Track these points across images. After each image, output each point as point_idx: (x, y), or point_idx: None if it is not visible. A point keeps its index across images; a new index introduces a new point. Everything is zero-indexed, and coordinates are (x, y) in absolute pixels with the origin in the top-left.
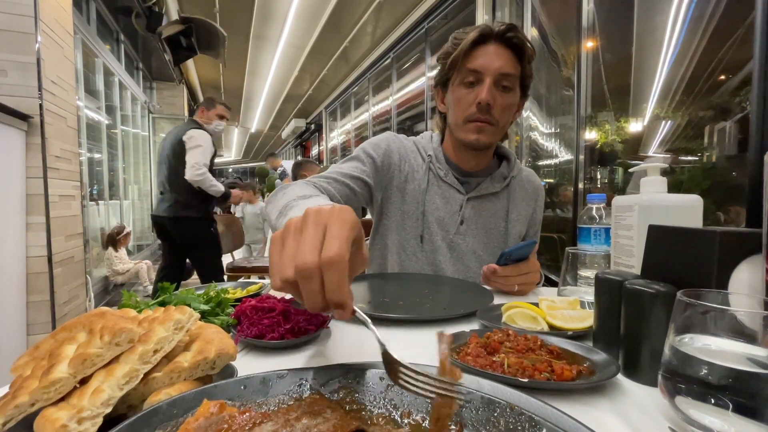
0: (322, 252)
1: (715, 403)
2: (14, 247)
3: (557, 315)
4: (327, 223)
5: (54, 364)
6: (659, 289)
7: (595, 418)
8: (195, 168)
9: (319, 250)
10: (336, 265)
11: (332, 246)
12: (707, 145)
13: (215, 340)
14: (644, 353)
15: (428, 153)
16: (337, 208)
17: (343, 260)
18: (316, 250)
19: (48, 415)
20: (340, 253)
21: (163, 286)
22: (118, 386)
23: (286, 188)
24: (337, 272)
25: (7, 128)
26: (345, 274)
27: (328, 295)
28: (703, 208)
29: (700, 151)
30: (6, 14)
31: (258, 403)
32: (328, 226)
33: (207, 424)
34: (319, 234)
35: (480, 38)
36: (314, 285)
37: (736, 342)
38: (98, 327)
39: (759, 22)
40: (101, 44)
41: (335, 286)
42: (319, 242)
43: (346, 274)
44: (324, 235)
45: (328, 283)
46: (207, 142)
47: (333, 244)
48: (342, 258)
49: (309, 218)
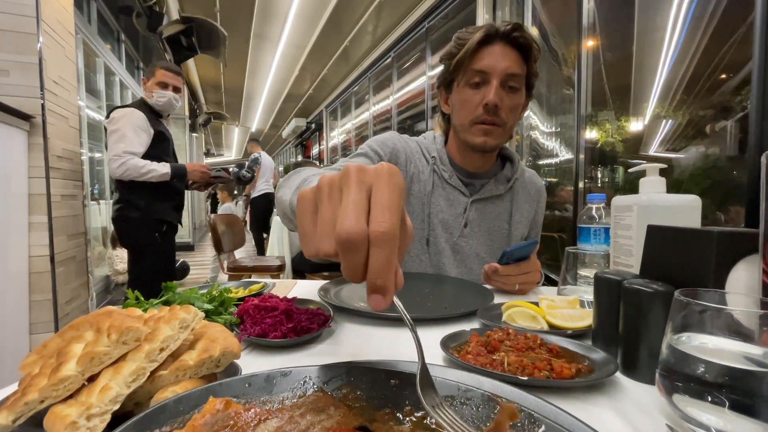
0: (369, 222)
1: (712, 400)
2: (17, 247)
3: (557, 314)
4: (372, 185)
5: (62, 362)
6: (657, 288)
7: (594, 416)
8: (112, 161)
9: (366, 216)
10: (387, 242)
11: (383, 216)
12: (708, 145)
13: (220, 338)
14: (642, 352)
15: (432, 155)
16: (384, 166)
17: (395, 236)
18: (363, 217)
19: (58, 412)
20: (392, 227)
21: (167, 285)
22: (125, 384)
23: (299, 171)
24: (387, 250)
25: (9, 128)
26: (395, 252)
27: (371, 276)
28: (704, 207)
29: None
30: (8, 14)
31: (262, 401)
32: (375, 189)
33: (213, 421)
34: (363, 197)
35: (485, 38)
36: (360, 258)
37: (732, 341)
38: (105, 326)
39: (758, 22)
40: (102, 44)
41: (381, 266)
42: (365, 207)
43: (395, 253)
44: (368, 199)
45: (374, 261)
46: (129, 123)
47: (383, 215)
48: (395, 234)
49: (350, 176)
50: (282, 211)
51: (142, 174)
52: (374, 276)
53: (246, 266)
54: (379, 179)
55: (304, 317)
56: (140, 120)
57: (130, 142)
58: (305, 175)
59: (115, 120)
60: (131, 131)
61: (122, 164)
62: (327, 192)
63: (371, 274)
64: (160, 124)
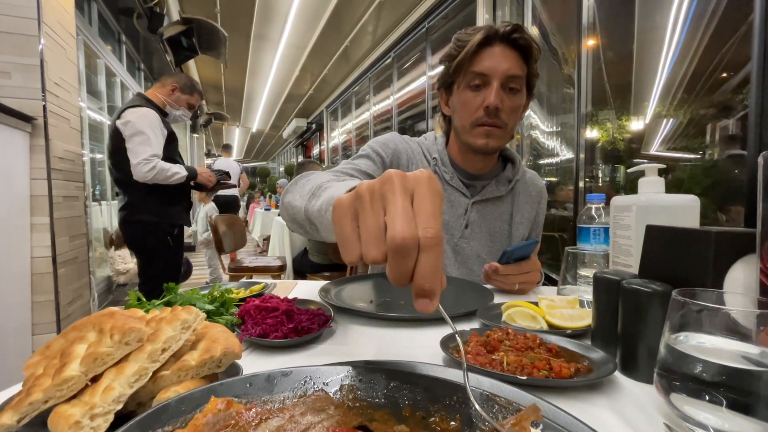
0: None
1: (709, 399)
2: (19, 248)
3: (556, 314)
4: (414, 191)
5: (66, 363)
6: (656, 288)
7: (592, 415)
8: (142, 165)
9: (414, 222)
10: (434, 247)
11: (429, 222)
12: (708, 144)
13: (221, 339)
14: (641, 351)
15: (433, 156)
16: (425, 173)
17: (441, 241)
18: (414, 223)
19: (62, 412)
20: (438, 232)
21: (169, 286)
22: (128, 384)
23: (308, 176)
24: (435, 255)
25: (11, 130)
26: (441, 257)
27: (420, 280)
28: (704, 207)
29: (701, 150)
30: (9, 17)
31: (263, 401)
32: (418, 195)
33: (215, 420)
34: (409, 203)
35: (485, 40)
36: (411, 263)
37: (730, 340)
38: (108, 326)
39: (757, 22)
40: (103, 45)
41: (430, 270)
42: (411, 213)
43: (441, 257)
44: (412, 205)
45: (423, 266)
46: (151, 125)
47: (429, 221)
48: (440, 239)
49: (394, 183)
50: (291, 217)
51: (168, 177)
52: (423, 280)
53: (247, 266)
54: (420, 185)
55: (304, 318)
56: (157, 120)
57: (154, 144)
58: (317, 181)
59: (134, 122)
60: (152, 133)
61: (152, 168)
62: (368, 199)
63: (420, 279)
64: (167, 123)
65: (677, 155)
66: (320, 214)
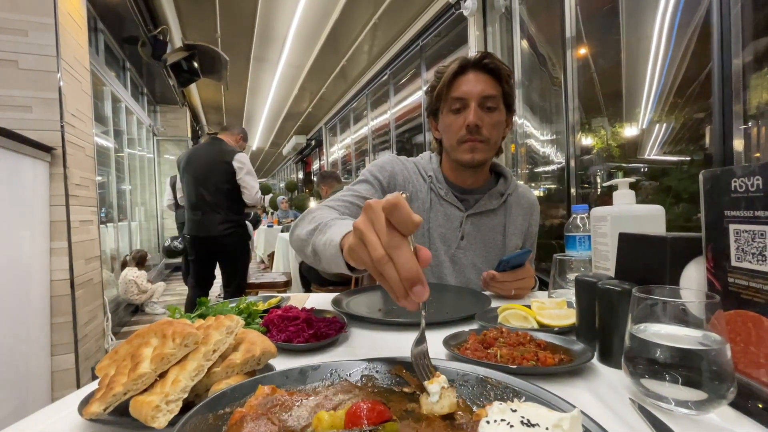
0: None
1: (669, 379)
2: (39, 272)
3: (546, 314)
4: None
5: (138, 362)
6: (624, 287)
7: (571, 395)
8: (258, 193)
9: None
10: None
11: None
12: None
13: (258, 341)
14: (615, 342)
15: (429, 174)
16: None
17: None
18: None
19: (142, 400)
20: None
21: (201, 300)
22: (190, 378)
23: (313, 212)
24: (401, 253)
25: (32, 160)
26: (408, 254)
27: (403, 273)
28: (690, 212)
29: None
30: (32, 55)
31: (299, 390)
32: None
33: (265, 401)
34: (373, 232)
35: (460, 69)
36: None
37: (681, 327)
38: (170, 332)
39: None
40: (109, 73)
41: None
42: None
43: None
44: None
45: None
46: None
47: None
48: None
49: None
50: (301, 249)
51: (260, 200)
52: (403, 270)
53: (253, 283)
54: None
55: (322, 324)
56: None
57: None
58: (321, 218)
59: (247, 164)
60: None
61: (258, 193)
62: (358, 235)
63: (403, 271)
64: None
65: (670, 158)
66: (324, 248)
